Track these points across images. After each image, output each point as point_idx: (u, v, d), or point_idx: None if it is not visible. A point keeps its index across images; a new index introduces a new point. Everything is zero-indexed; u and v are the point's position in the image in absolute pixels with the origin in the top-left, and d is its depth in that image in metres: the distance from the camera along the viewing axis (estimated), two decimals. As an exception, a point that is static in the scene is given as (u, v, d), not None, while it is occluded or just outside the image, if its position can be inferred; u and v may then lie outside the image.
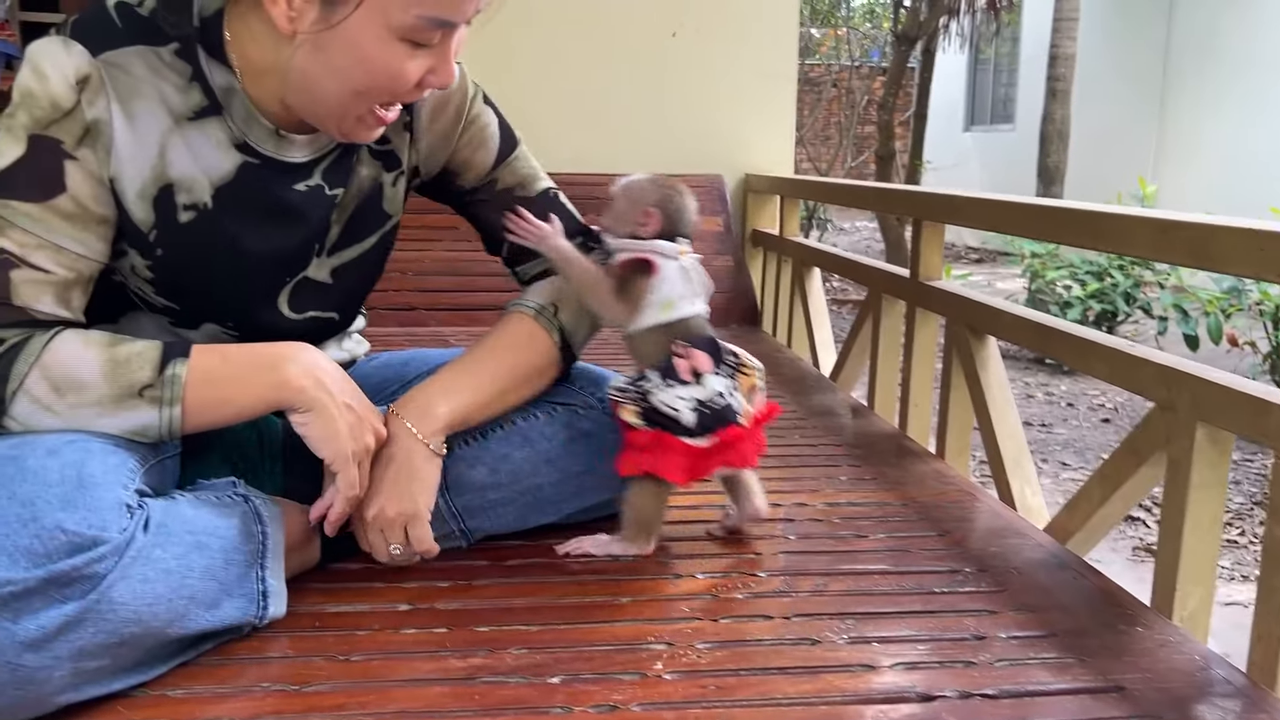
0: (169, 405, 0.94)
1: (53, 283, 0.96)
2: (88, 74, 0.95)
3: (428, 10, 0.92)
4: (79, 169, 0.96)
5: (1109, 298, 5.34)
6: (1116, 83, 8.84)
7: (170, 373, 0.94)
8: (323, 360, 1.01)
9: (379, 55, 0.94)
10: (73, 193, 0.95)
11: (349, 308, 1.20)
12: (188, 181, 1.02)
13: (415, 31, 0.93)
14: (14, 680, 0.79)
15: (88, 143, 0.96)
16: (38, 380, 0.92)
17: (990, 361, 1.72)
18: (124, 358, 0.94)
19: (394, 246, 1.23)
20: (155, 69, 0.98)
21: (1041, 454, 3.98)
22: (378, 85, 0.97)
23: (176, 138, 1.00)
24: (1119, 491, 1.32)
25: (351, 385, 1.03)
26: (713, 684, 0.93)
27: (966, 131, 11.62)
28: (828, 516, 1.37)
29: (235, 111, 1.02)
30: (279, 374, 0.98)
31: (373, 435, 1.03)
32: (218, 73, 1.01)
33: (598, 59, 3.17)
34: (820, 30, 12.55)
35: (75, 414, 0.93)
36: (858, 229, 11.61)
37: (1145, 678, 0.96)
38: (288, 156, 1.06)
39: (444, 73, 0.99)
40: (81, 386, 0.93)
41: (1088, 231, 1.38)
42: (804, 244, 2.80)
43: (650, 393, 1.14)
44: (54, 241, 0.95)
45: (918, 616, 1.08)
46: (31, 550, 0.80)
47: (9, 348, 0.93)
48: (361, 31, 0.92)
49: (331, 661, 0.96)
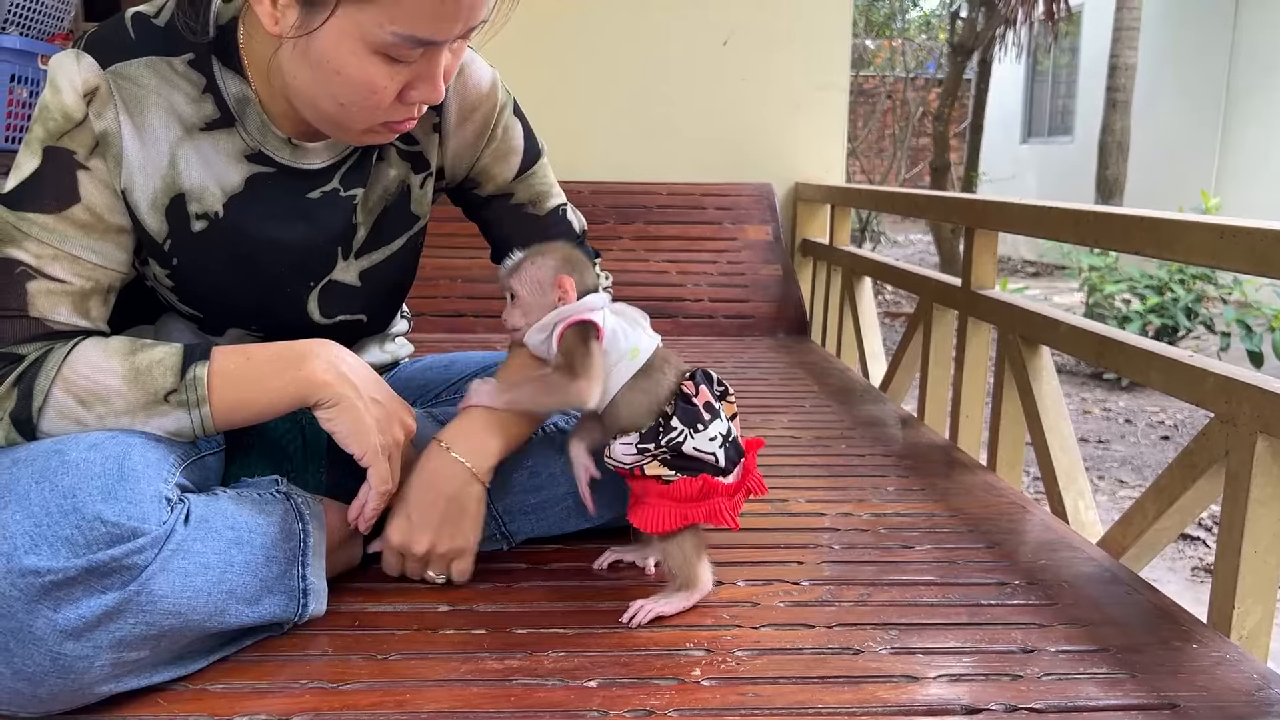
0: (196, 407, 0.95)
1: (69, 293, 0.96)
2: (96, 86, 0.95)
3: (404, 28, 0.88)
4: (92, 179, 0.97)
5: (1169, 312, 5.22)
6: (1178, 94, 8.67)
7: (191, 376, 0.95)
8: (347, 356, 1.01)
9: (354, 67, 0.91)
10: (87, 202, 0.96)
11: (379, 309, 1.20)
12: (199, 191, 1.02)
13: (392, 48, 0.89)
14: (55, 669, 0.80)
15: (99, 153, 0.97)
16: (62, 394, 0.93)
17: (1044, 372, 1.69)
18: (145, 366, 0.95)
19: (424, 248, 1.23)
20: (167, 79, 0.99)
21: (1098, 471, 3.89)
22: (356, 98, 0.93)
23: (187, 148, 1.01)
24: (1175, 505, 1.28)
25: (377, 380, 1.03)
26: (751, 691, 0.92)
27: (1024, 144, 11.47)
28: (873, 527, 1.35)
29: (249, 122, 1.02)
30: (302, 370, 0.97)
31: (401, 429, 1.03)
32: (232, 82, 1.01)
33: (649, 67, 3.18)
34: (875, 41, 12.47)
35: (106, 423, 0.94)
36: (911, 242, 11.49)
37: (1200, 696, 0.92)
38: (305, 164, 1.06)
39: (430, 90, 0.95)
40: (107, 398, 0.93)
41: (1145, 238, 1.35)
42: (854, 253, 2.77)
43: (680, 442, 1.04)
44: (69, 251, 0.96)
45: (964, 628, 1.05)
46: (72, 540, 0.81)
47: (29, 364, 0.94)
48: (338, 42, 0.90)
49: (369, 661, 0.96)
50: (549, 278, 1.10)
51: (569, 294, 1.09)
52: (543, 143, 1.25)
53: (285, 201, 1.06)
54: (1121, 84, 7.42)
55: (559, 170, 1.32)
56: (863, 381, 2.35)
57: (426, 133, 1.15)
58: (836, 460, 1.67)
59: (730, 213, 3.09)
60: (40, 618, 0.79)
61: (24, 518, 0.81)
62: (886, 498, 1.48)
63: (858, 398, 2.14)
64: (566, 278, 1.09)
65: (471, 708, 0.88)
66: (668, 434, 1.03)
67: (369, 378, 1.01)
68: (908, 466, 1.64)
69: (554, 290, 1.09)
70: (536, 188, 1.24)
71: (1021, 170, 10.98)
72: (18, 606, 0.79)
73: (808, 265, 3.20)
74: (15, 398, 0.93)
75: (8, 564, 0.79)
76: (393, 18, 0.87)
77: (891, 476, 1.58)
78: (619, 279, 1.15)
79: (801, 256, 3.22)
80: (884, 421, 1.95)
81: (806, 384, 2.26)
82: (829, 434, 1.84)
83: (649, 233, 3.02)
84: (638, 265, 2.93)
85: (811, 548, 1.27)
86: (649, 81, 3.19)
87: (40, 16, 2.02)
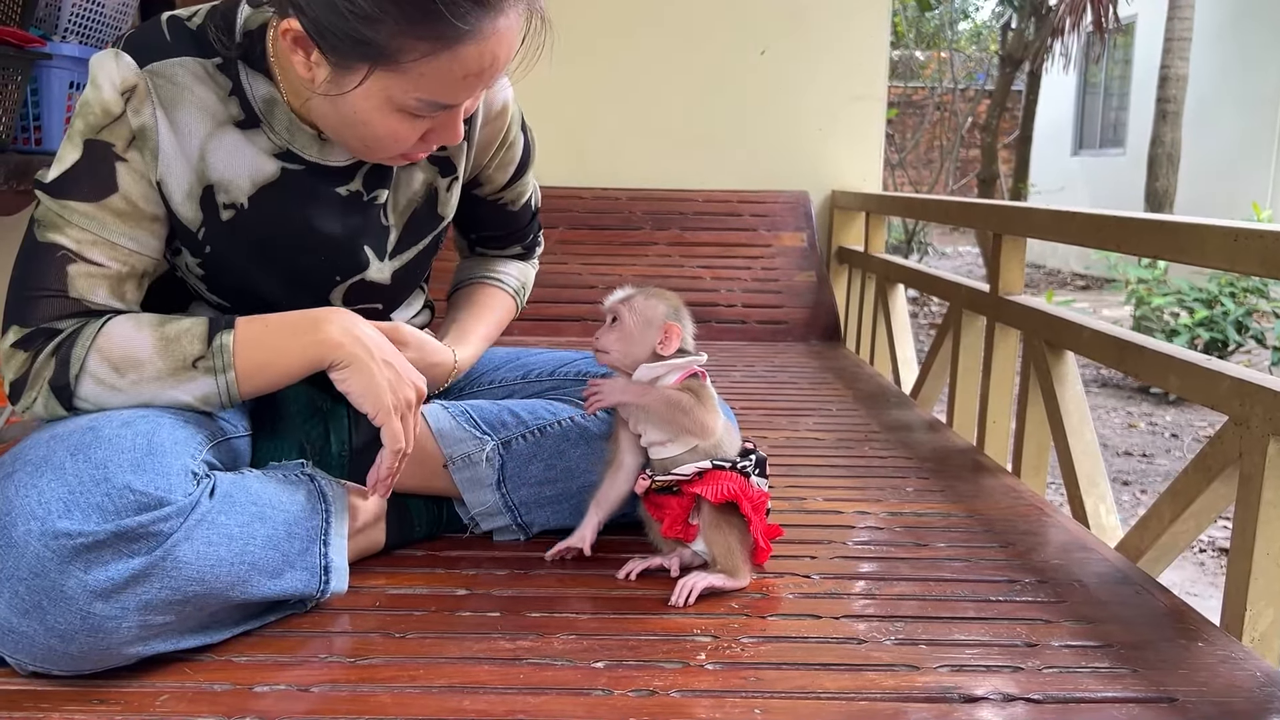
0: (223, 372, 1.01)
1: (107, 276, 1.03)
2: (135, 84, 1.01)
3: (426, 95, 0.96)
4: (129, 170, 1.03)
5: (1219, 326, 5.15)
6: (1232, 105, 8.53)
7: (218, 343, 1.01)
8: (360, 322, 1.06)
9: (379, 124, 0.98)
10: (124, 192, 1.02)
11: (397, 299, 1.26)
12: (225, 183, 1.08)
13: (416, 109, 0.97)
14: (85, 627, 0.85)
15: (136, 146, 1.03)
16: (98, 362, 0.99)
17: (1068, 377, 1.69)
18: (174, 335, 1.01)
19: (443, 241, 1.30)
20: (200, 78, 1.05)
21: (1140, 485, 3.85)
22: (378, 145, 1.02)
23: (217, 142, 1.06)
24: (1190, 509, 1.29)
25: (391, 346, 1.07)
26: (753, 675, 0.94)
27: (1075, 156, 11.33)
28: (890, 525, 1.37)
29: (278, 121, 1.08)
30: (318, 334, 1.02)
31: (414, 391, 1.06)
32: (259, 84, 1.07)
33: (687, 76, 3.22)
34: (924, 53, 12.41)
35: (139, 389, 1.00)
36: (960, 254, 11.40)
37: (1200, 691, 0.93)
38: (330, 161, 1.11)
39: (449, 135, 1.03)
40: (139, 364, 1.00)
41: (1161, 241, 1.36)
42: (888, 260, 2.79)
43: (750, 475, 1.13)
44: (107, 238, 1.02)
45: (970, 622, 1.07)
46: (102, 507, 0.86)
47: (67, 335, 1.00)
48: (365, 100, 0.97)
49: (387, 638, 1.00)
50: (660, 319, 1.13)
51: (672, 342, 1.12)
52: (534, 147, 1.34)
53: (312, 198, 1.11)
54: (1172, 95, 7.32)
55: (599, 177, 1.39)
56: (892, 387, 2.36)
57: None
58: (859, 462, 1.68)
59: (766, 220, 3.11)
60: (72, 578, 0.84)
61: (59, 485, 0.86)
62: (905, 498, 1.49)
63: (886, 403, 2.15)
64: (676, 326, 1.13)
65: (482, 683, 0.91)
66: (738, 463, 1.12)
67: (382, 342, 1.06)
68: (930, 469, 1.65)
69: (659, 332, 1.12)
70: (518, 189, 1.34)
71: (1072, 182, 10.85)
72: (51, 567, 0.84)
73: (843, 273, 3.21)
74: (54, 365, 0.99)
75: (42, 526, 0.84)
76: (419, 87, 0.95)
77: (912, 478, 1.60)
78: (654, 284, 1.19)
79: (837, 264, 3.23)
80: (910, 426, 1.96)
81: (836, 389, 2.28)
82: (854, 436, 1.85)
83: (684, 239, 3.06)
84: (672, 270, 2.96)
85: (826, 543, 1.29)
86: (688, 91, 3.22)
87: (99, 24, 2.09)
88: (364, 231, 1.16)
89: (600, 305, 1.16)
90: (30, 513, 0.85)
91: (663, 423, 1.12)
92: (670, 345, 1.12)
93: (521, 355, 1.41)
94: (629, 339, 1.13)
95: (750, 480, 1.12)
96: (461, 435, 1.21)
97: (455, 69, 0.93)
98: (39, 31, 1.96)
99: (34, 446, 0.92)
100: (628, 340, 1.13)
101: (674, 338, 1.12)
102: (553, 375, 1.35)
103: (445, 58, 0.92)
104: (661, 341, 1.12)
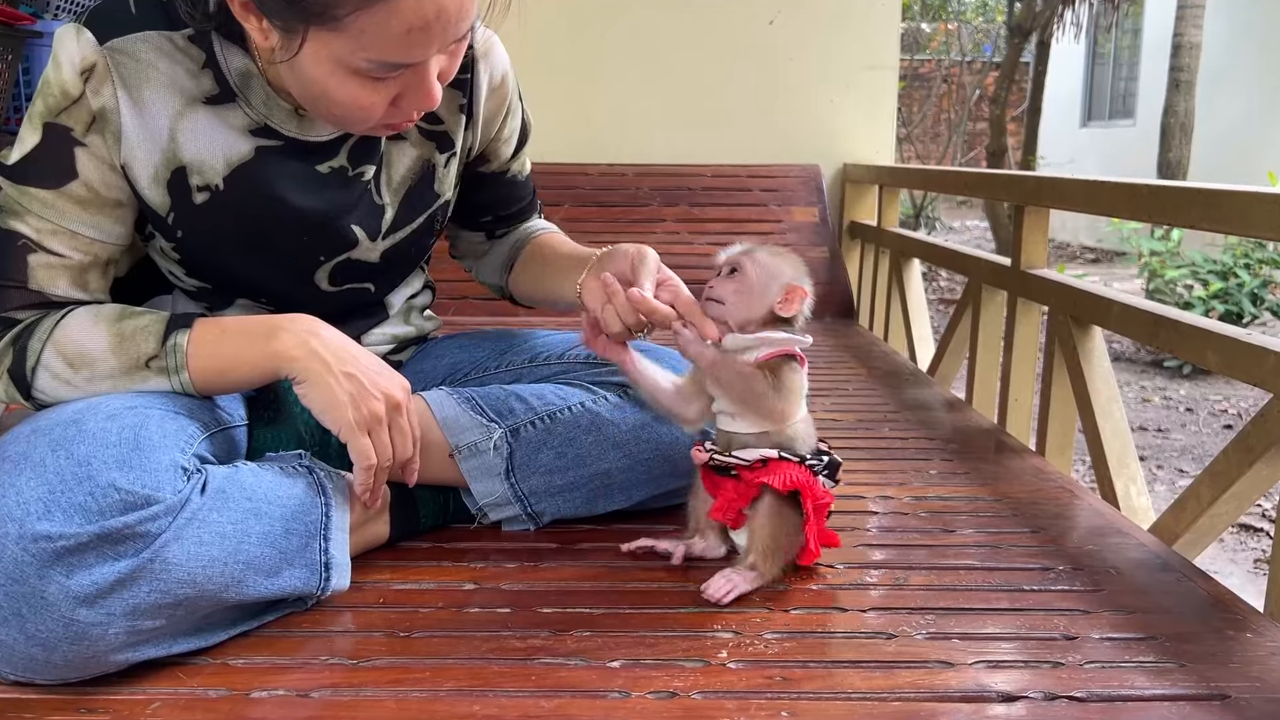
0: (176, 373, 0.97)
1: (68, 266, 0.99)
2: (93, 62, 0.96)
3: (375, 55, 0.88)
4: (89, 155, 0.98)
5: (1234, 298, 5.08)
6: (1246, 74, 8.41)
7: (172, 343, 0.97)
8: (321, 329, 0.99)
9: (336, 89, 0.91)
10: (84, 179, 0.98)
11: (390, 279, 1.20)
12: (198, 164, 1.02)
13: (369, 72, 0.90)
14: (68, 635, 0.79)
15: (96, 130, 0.97)
16: (53, 356, 0.96)
17: (1095, 353, 1.63)
18: (130, 332, 0.97)
19: (443, 223, 1.24)
20: (168, 54, 0.98)
21: (1157, 460, 3.80)
22: (346, 113, 0.95)
23: (188, 121, 1.01)
24: (1230, 491, 1.23)
25: (354, 353, 0.99)
26: (779, 674, 0.89)
27: (1083, 127, 11.22)
28: (914, 510, 1.32)
29: (254, 95, 1.02)
30: (271, 345, 0.96)
31: (382, 402, 0.98)
32: (235, 57, 1.01)
33: (695, 47, 3.14)
34: (931, 25, 12.28)
35: (93, 386, 0.97)
36: (968, 228, 11.30)
37: (1254, 687, 0.88)
38: (311, 136, 1.05)
39: (422, 99, 0.95)
40: (92, 361, 0.96)
41: (1203, 211, 1.29)
42: (902, 234, 2.72)
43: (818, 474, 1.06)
44: (68, 227, 0.98)
45: (1004, 614, 1.02)
46: (85, 507, 0.81)
47: (24, 326, 0.98)
48: (317, 65, 0.90)
49: (391, 637, 0.95)
50: (785, 278, 1.04)
51: (793, 304, 1.04)
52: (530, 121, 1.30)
53: (293, 175, 1.06)
54: (1185, 63, 7.20)
55: (604, 152, 1.35)
56: (909, 365, 2.30)
57: (452, 113, 1.15)
58: (879, 444, 1.63)
59: (776, 194, 3.04)
60: (52, 583, 0.79)
61: (38, 484, 0.81)
62: (929, 481, 1.44)
63: (903, 381, 2.09)
64: (801, 289, 1.04)
65: (491, 685, 0.86)
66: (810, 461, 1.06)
67: (345, 351, 0.98)
68: (952, 450, 1.59)
69: (781, 291, 1.04)
70: (518, 163, 1.30)
71: (1081, 154, 10.74)
72: (30, 571, 0.79)
73: (855, 248, 3.15)
74: (12, 355, 0.98)
75: (20, 529, 0.79)
76: (362, 45, 0.87)
77: (935, 460, 1.54)
78: (663, 262, 1.12)
79: (849, 239, 3.16)
80: (929, 405, 1.90)
81: (852, 367, 2.22)
82: (872, 417, 1.80)
83: (693, 215, 2.99)
84: (682, 248, 2.90)
85: (849, 530, 1.23)
86: (695, 62, 3.15)
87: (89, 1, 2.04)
88: (350, 209, 1.10)
89: (714, 257, 1.08)
90: (8, 514, 0.80)
91: (733, 398, 1.04)
92: (792, 307, 1.03)
93: (528, 337, 1.36)
94: (749, 291, 1.04)
95: (817, 479, 1.06)
96: (467, 423, 1.15)
97: (394, 23, 0.85)
98: (30, 9, 1.92)
99: (14, 441, 0.87)
100: (747, 293, 1.04)
101: (797, 300, 1.03)
102: (561, 358, 1.29)
103: (381, 10, 0.84)
104: (781, 302, 1.03)
